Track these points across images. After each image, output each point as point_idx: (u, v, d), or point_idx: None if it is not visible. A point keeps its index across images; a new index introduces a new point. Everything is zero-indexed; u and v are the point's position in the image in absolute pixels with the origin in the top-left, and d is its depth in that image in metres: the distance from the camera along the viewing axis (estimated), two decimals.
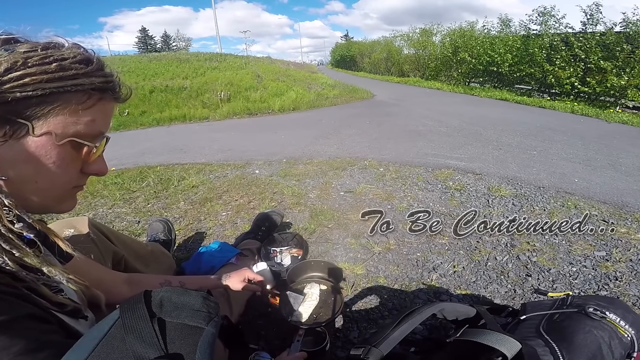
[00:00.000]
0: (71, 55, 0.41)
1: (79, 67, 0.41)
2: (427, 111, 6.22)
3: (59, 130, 0.40)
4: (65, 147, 0.42)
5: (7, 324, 0.37)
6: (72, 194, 0.48)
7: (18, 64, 0.37)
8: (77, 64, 0.41)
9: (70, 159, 0.44)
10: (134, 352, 0.35)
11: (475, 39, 11.52)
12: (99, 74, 0.43)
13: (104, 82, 0.44)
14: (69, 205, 0.49)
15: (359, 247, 1.66)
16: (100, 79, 0.43)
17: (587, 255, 1.54)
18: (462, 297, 1.31)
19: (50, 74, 0.38)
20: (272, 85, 9.63)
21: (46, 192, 0.43)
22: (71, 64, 0.40)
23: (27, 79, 0.37)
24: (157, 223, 1.55)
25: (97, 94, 0.43)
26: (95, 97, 0.43)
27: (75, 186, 0.48)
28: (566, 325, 0.79)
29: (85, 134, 0.43)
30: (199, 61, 12.66)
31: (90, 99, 0.42)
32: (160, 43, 59.28)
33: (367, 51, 22.58)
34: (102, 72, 0.44)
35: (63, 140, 0.41)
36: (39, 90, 0.38)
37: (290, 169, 2.92)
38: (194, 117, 6.82)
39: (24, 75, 0.37)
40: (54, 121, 0.40)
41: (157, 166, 3.18)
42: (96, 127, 0.44)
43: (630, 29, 7.05)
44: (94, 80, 0.42)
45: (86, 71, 0.42)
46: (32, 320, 0.40)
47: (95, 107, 0.43)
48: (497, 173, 2.70)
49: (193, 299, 0.41)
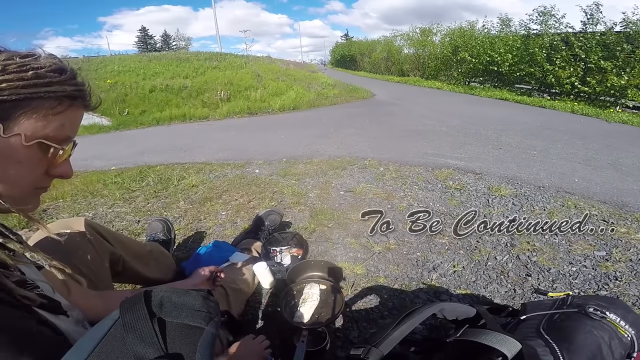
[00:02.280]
0: (47, 64, 0.44)
1: (53, 76, 0.44)
2: (427, 111, 6.22)
3: (28, 132, 0.43)
4: (33, 148, 0.44)
5: None
6: (35, 195, 0.50)
7: None
8: (52, 73, 0.44)
9: (37, 159, 0.46)
10: (134, 352, 0.35)
11: (476, 38, 11.51)
12: (72, 82, 0.46)
13: (76, 90, 0.47)
14: (31, 206, 0.50)
15: (359, 246, 1.66)
16: (72, 87, 0.46)
17: (587, 255, 1.54)
18: (462, 297, 1.31)
19: (26, 81, 0.41)
20: (272, 84, 9.63)
21: (10, 191, 0.45)
22: (46, 72, 0.43)
23: (4, 84, 0.40)
24: (157, 223, 1.54)
25: (67, 100, 0.46)
26: (65, 104, 0.45)
27: (38, 187, 0.49)
28: (566, 325, 0.79)
29: (53, 137, 0.45)
30: (199, 60, 12.65)
31: (60, 105, 0.45)
32: (160, 42, 59.17)
33: (367, 51, 22.57)
34: (75, 81, 0.47)
35: (31, 141, 0.43)
36: (13, 95, 0.40)
37: (290, 168, 2.92)
38: (194, 117, 6.82)
39: (2, 81, 0.40)
40: (25, 124, 0.42)
41: (157, 165, 3.18)
42: (64, 131, 0.47)
43: (631, 29, 7.05)
44: (67, 88, 0.45)
45: (60, 79, 0.44)
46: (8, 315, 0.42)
47: (64, 113, 0.46)
48: (497, 173, 2.70)
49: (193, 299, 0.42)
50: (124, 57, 15.11)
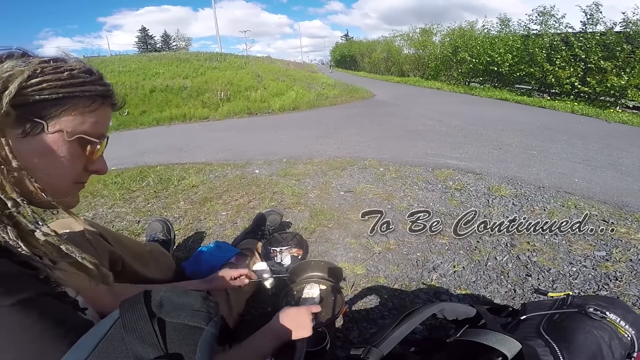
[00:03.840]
0: (77, 66, 0.49)
1: (85, 76, 0.48)
2: (427, 111, 6.22)
3: (69, 129, 0.47)
4: (74, 143, 0.48)
5: (33, 301, 0.41)
6: (75, 189, 0.54)
7: (37, 72, 0.44)
8: (83, 74, 0.48)
9: (77, 155, 0.50)
10: (134, 352, 0.35)
11: (475, 38, 11.52)
12: (101, 82, 0.51)
13: (105, 90, 0.51)
14: (72, 201, 0.54)
15: (359, 247, 1.66)
16: (102, 87, 0.50)
17: (587, 255, 1.54)
18: (462, 297, 1.31)
19: (63, 81, 0.45)
20: (272, 85, 9.63)
21: (55, 184, 0.48)
22: (79, 73, 0.48)
23: (44, 85, 0.44)
24: (156, 223, 1.55)
25: (99, 99, 0.50)
26: (98, 102, 0.50)
27: (78, 182, 0.53)
28: (566, 325, 0.79)
29: (90, 133, 0.49)
30: (199, 61, 12.65)
31: (94, 103, 0.49)
32: (160, 43, 59.21)
33: (367, 51, 22.57)
34: (103, 82, 0.51)
35: (72, 137, 0.47)
36: (53, 94, 0.44)
37: (290, 168, 2.92)
38: (194, 117, 6.82)
39: (42, 81, 0.44)
40: (65, 121, 0.46)
41: (157, 166, 3.18)
42: (99, 128, 0.51)
43: (631, 29, 7.05)
44: (97, 88, 0.49)
45: (91, 80, 0.49)
46: (52, 298, 0.45)
47: (98, 111, 0.50)
48: (497, 173, 2.70)
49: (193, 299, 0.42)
50: (124, 57, 15.13)
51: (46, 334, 0.41)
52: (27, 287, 0.42)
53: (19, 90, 0.42)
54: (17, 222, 0.45)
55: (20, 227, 0.45)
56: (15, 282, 0.42)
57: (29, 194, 0.45)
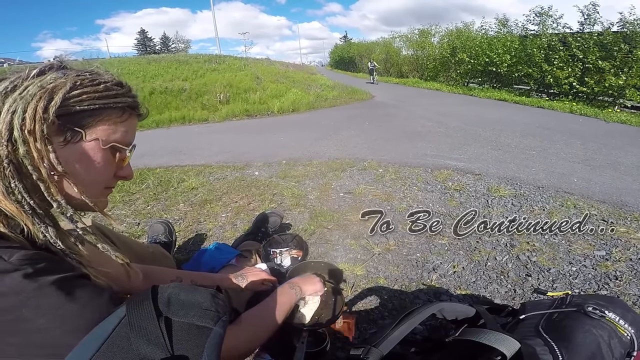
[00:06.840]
0: (110, 79, 0.52)
1: (117, 89, 0.52)
2: (426, 112, 6.24)
3: (104, 137, 0.50)
4: (107, 151, 0.52)
5: (73, 278, 0.46)
6: (105, 194, 0.57)
7: (77, 84, 0.47)
8: (116, 86, 0.52)
9: (109, 161, 0.53)
10: (139, 353, 0.35)
11: (473, 39, 11.56)
12: (130, 94, 0.54)
13: (133, 101, 0.54)
14: (102, 204, 0.57)
15: (358, 247, 1.67)
16: (131, 99, 0.54)
17: (587, 254, 1.54)
18: (462, 297, 1.31)
19: (100, 93, 0.49)
20: (271, 86, 9.65)
21: (89, 188, 0.51)
22: (112, 85, 0.51)
23: (84, 96, 0.47)
24: (158, 225, 1.55)
25: (129, 110, 0.54)
26: (127, 113, 0.53)
27: (108, 187, 0.57)
28: (565, 324, 0.79)
29: (121, 142, 0.53)
30: (198, 63, 12.68)
31: (124, 114, 0.53)
32: (160, 45, 59.22)
33: (366, 52, 22.61)
34: (132, 93, 0.55)
35: (106, 145, 0.51)
36: (91, 105, 0.48)
37: (289, 170, 2.92)
38: (193, 119, 6.82)
39: (82, 93, 0.47)
40: (100, 130, 0.50)
41: (157, 168, 3.18)
42: (128, 137, 0.54)
43: (628, 29, 7.08)
44: (127, 100, 0.53)
45: (122, 92, 0.52)
46: (88, 279, 0.50)
47: (127, 121, 0.54)
48: (496, 173, 2.71)
49: (201, 296, 0.42)
50: (123, 59, 15.14)
51: (94, 300, 0.45)
52: (71, 268, 0.47)
53: (63, 101, 0.45)
54: (57, 223, 0.48)
55: (60, 227, 0.49)
56: (57, 262, 0.47)
57: (68, 196, 0.49)
